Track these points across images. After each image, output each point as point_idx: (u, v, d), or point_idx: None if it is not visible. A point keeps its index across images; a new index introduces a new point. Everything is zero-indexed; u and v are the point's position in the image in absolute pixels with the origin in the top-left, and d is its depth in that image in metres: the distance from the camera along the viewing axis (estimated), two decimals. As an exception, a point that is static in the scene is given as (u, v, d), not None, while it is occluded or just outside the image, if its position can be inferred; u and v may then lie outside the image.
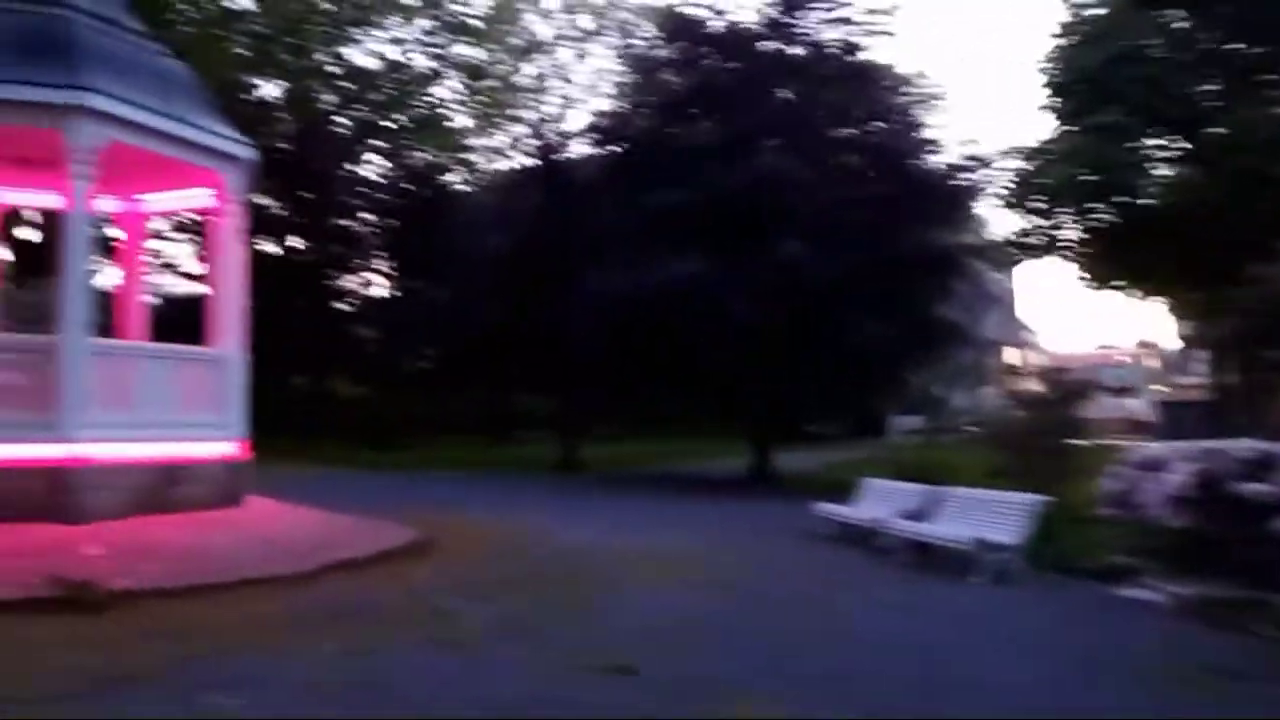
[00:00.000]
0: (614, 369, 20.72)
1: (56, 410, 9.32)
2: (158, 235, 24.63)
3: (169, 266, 29.54)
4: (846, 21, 20.39)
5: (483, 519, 13.98)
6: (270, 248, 31.12)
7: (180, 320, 13.63)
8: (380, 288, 35.39)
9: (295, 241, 33.06)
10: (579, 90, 40.30)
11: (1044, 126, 23.94)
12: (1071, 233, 21.88)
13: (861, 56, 20.59)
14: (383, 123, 35.74)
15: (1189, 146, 19.90)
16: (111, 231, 12.77)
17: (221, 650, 6.19)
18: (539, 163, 24.69)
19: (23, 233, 23.50)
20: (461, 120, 38.22)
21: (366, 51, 35.76)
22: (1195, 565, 8.73)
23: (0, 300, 13.24)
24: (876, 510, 12.72)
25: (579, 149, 23.69)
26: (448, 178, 35.35)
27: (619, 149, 21.78)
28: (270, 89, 33.33)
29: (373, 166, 36.46)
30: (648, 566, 10.07)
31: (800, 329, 17.95)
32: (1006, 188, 22.63)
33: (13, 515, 9.03)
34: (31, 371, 9.41)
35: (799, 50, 20.75)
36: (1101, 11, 21.81)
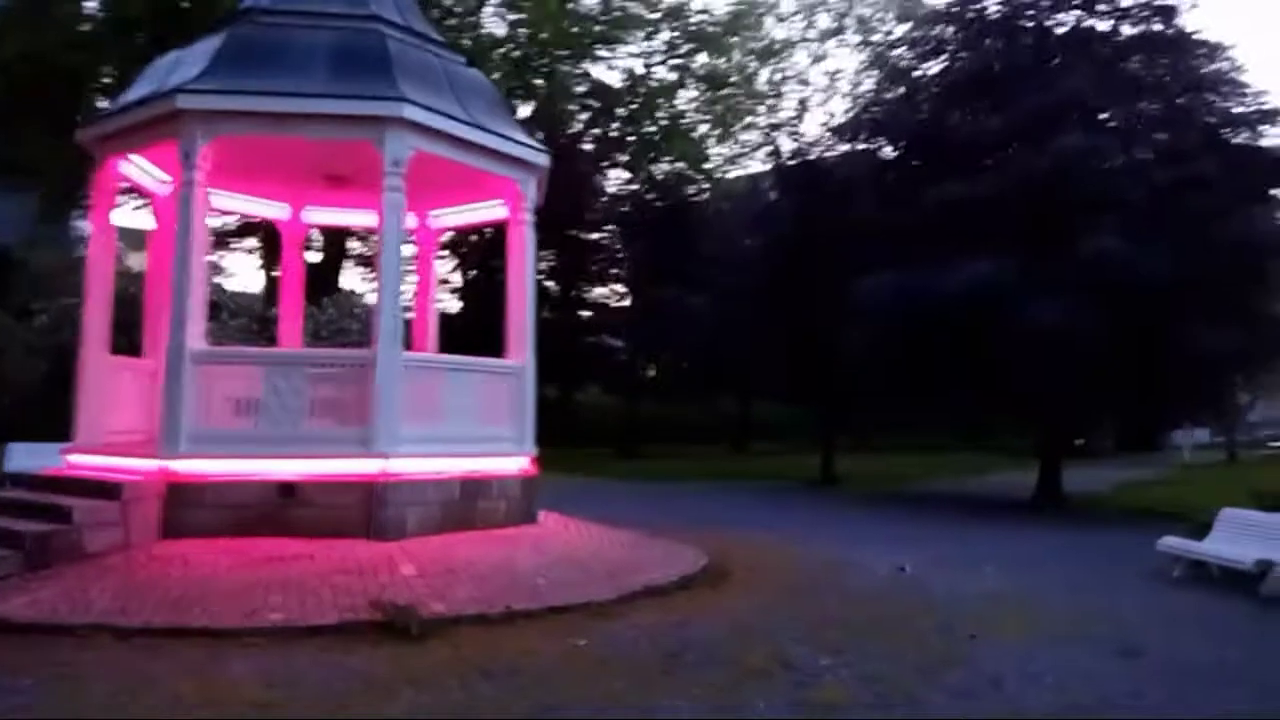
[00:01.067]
0: (890, 378, 19.22)
1: (371, 424, 9.24)
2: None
3: (443, 282, 31.09)
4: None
5: (763, 539, 13.14)
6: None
7: (453, 335, 13.73)
8: (628, 298, 35.62)
9: (545, 255, 33.90)
10: (818, 91, 39.10)
11: None
12: None
13: (1179, 20, 18.00)
14: (628, 136, 36.04)
15: None
16: (407, 248, 12.89)
17: (560, 701, 5.57)
18: (794, 163, 23.60)
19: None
20: (703, 129, 37.98)
21: (611, 67, 36.29)
22: None
23: (305, 319, 13.83)
24: (1245, 547, 10.66)
25: (838, 147, 22.37)
26: (692, 188, 35.08)
27: (891, 143, 20.30)
28: (522, 109, 34.44)
29: (618, 178, 36.90)
30: (995, 613, 8.71)
31: (1121, 335, 15.69)
32: None
33: (329, 531, 9.01)
34: (348, 386, 9.40)
35: (1100, 21, 18.46)
36: None
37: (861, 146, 21.66)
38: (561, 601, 8.08)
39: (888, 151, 20.86)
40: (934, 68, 20.64)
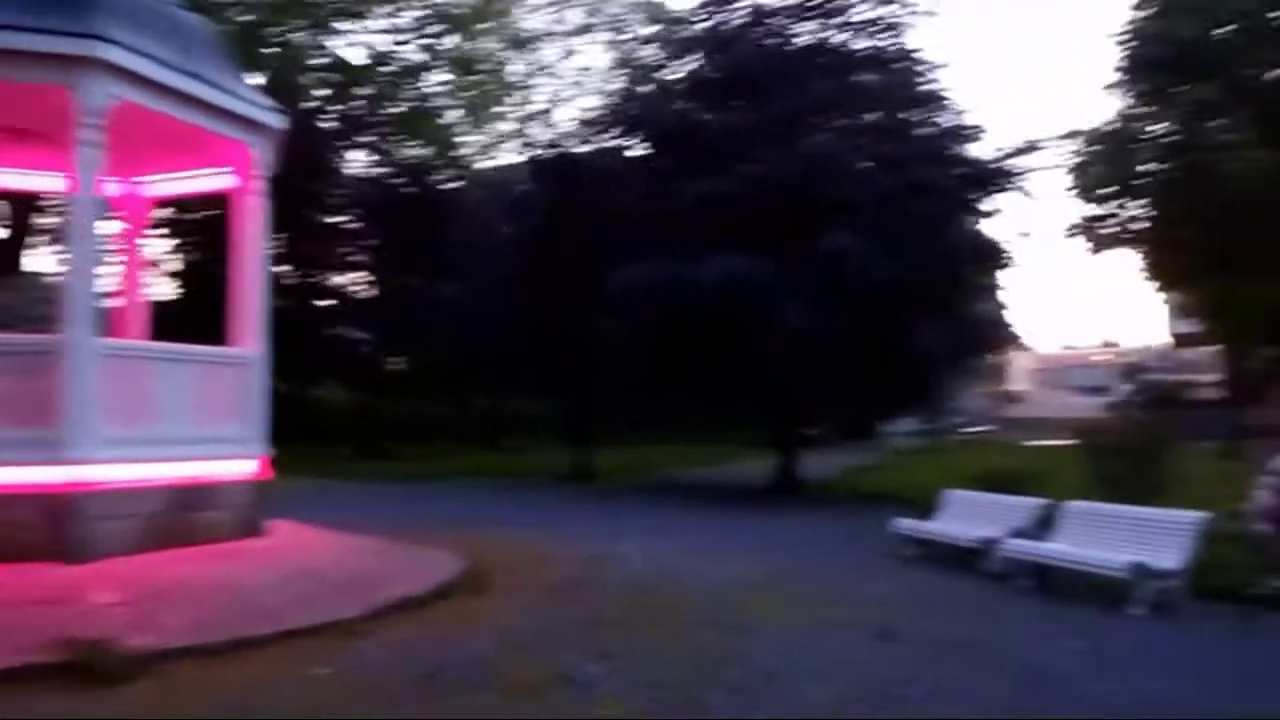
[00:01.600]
0: (644, 370, 19.27)
1: (60, 425, 7.74)
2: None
3: (158, 265, 27.73)
4: (889, 1, 19.16)
5: (522, 539, 12.60)
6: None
7: (170, 326, 12.05)
8: (370, 286, 33.72)
9: (279, 238, 31.33)
10: (570, 84, 39.09)
11: (1109, 108, 22.45)
12: (1145, 220, 20.65)
13: (904, 38, 19.36)
14: (370, 116, 34.15)
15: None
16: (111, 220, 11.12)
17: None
18: (549, 154, 23.20)
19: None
20: (453, 114, 36.79)
21: (353, 43, 34.21)
22: None
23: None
24: (969, 526, 11.48)
25: (593, 140, 22.22)
26: (441, 173, 33.79)
27: (647, 137, 20.36)
28: (252, 80, 31.58)
29: (362, 159, 34.86)
30: (756, 601, 8.71)
31: (857, 332, 16.59)
32: (1070, 174, 21.51)
33: (7, 553, 7.46)
34: (29, 379, 7.82)
35: (837, 33, 19.51)
36: None
37: (615, 141, 21.63)
38: (299, 623, 7.09)
39: (642, 146, 20.94)
40: (684, 68, 20.98)
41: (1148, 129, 20.51)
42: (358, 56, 33.94)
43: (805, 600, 8.85)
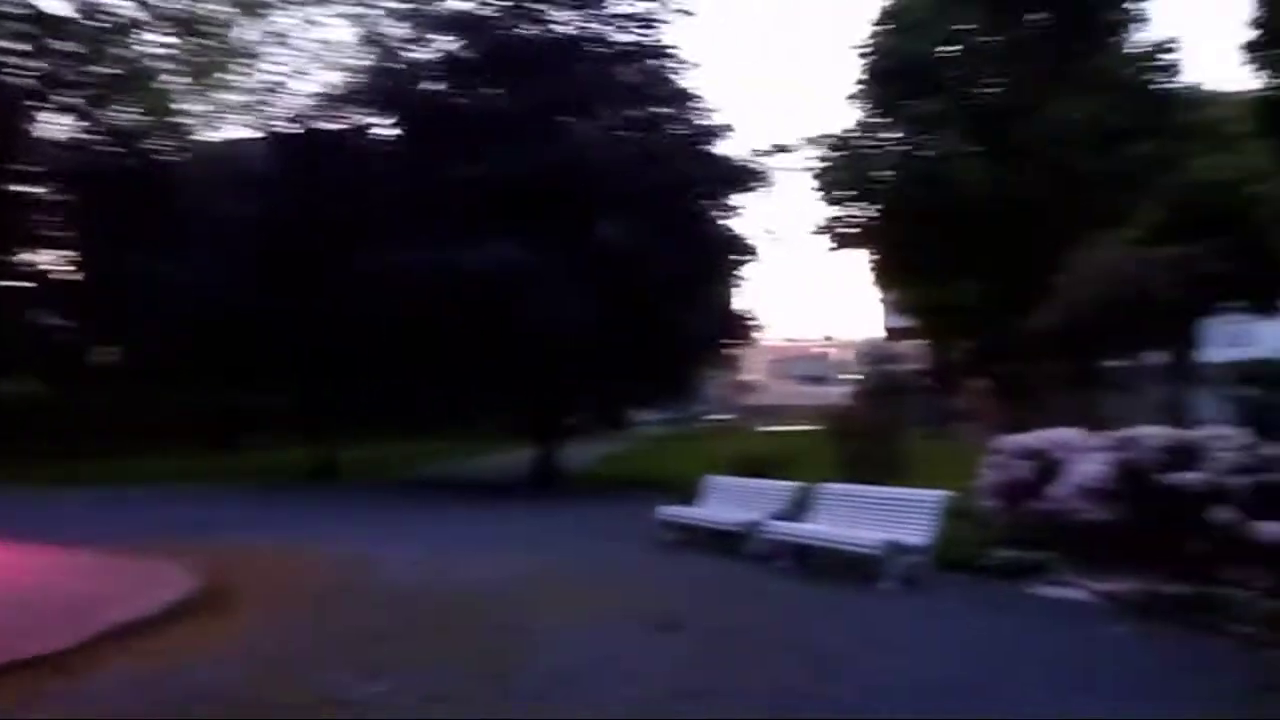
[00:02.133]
0: (396, 360, 18.30)
1: None
2: None
3: None
4: (646, -4, 19.39)
5: (267, 545, 11.59)
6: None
7: None
8: (75, 267, 29.82)
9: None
10: (309, 57, 36.60)
11: (853, 115, 23.96)
12: (879, 222, 22.29)
13: (661, 34, 19.69)
14: (74, 76, 30.15)
15: (1005, 138, 20.96)
16: None
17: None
18: (290, 130, 21.48)
19: None
20: (175, 79, 33.30)
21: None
22: (1118, 560, 8.48)
23: None
24: (731, 511, 11.81)
25: (341, 117, 20.82)
26: (159, 143, 30.42)
27: (400, 117, 19.34)
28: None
29: (64, 125, 30.70)
30: (533, 598, 8.41)
31: (623, 319, 16.65)
32: (816, 176, 22.76)
33: None
34: None
35: (596, 24, 19.49)
36: None
37: (364, 119, 20.42)
38: (9, 658, 5.96)
39: (393, 126, 19.89)
40: (437, 47, 20.15)
41: (880, 138, 22.36)
42: (59, 7, 29.89)
43: (582, 594, 8.65)
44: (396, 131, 19.58)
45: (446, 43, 19.98)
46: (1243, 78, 26.19)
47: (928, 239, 20.67)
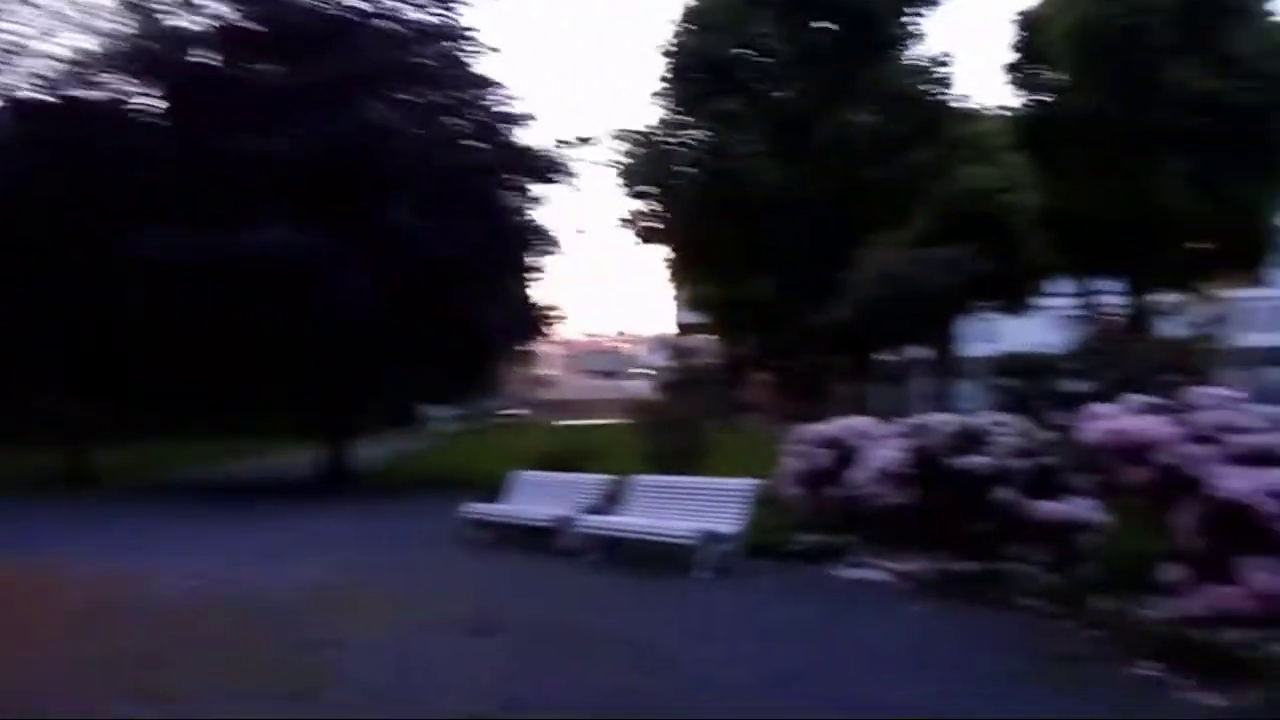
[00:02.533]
0: (159, 351, 16.62)
1: None
2: None
3: None
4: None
5: (10, 564, 10.16)
6: None
7: None
8: None
9: None
10: (53, 17, 32.81)
11: (656, 112, 24.10)
12: (678, 218, 22.46)
13: (459, 17, 19.01)
14: None
15: (799, 142, 21.69)
16: None
17: None
18: (31, 96, 19.03)
19: None
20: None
21: None
22: (913, 541, 8.95)
23: None
24: (540, 506, 11.57)
25: (95, 84, 18.66)
26: None
27: (167, 87, 17.56)
28: None
29: None
30: (336, 609, 7.81)
31: (414, 309, 15.92)
32: (619, 170, 22.70)
33: None
34: None
35: (390, 0, 18.54)
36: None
37: (123, 88, 18.42)
38: None
39: (158, 97, 18.05)
40: (209, 14, 18.51)
41: (682, 135, 22.76)
42: None
43: (389, 601, 8.14)
44: (164, 104, 17.77)
45: (221, 9, 18.38)
46: (1004, 95, 28.94)
47: (724, 236, 21.25)
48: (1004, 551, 8.15)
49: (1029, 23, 27.58)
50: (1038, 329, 32.30)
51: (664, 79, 23.51)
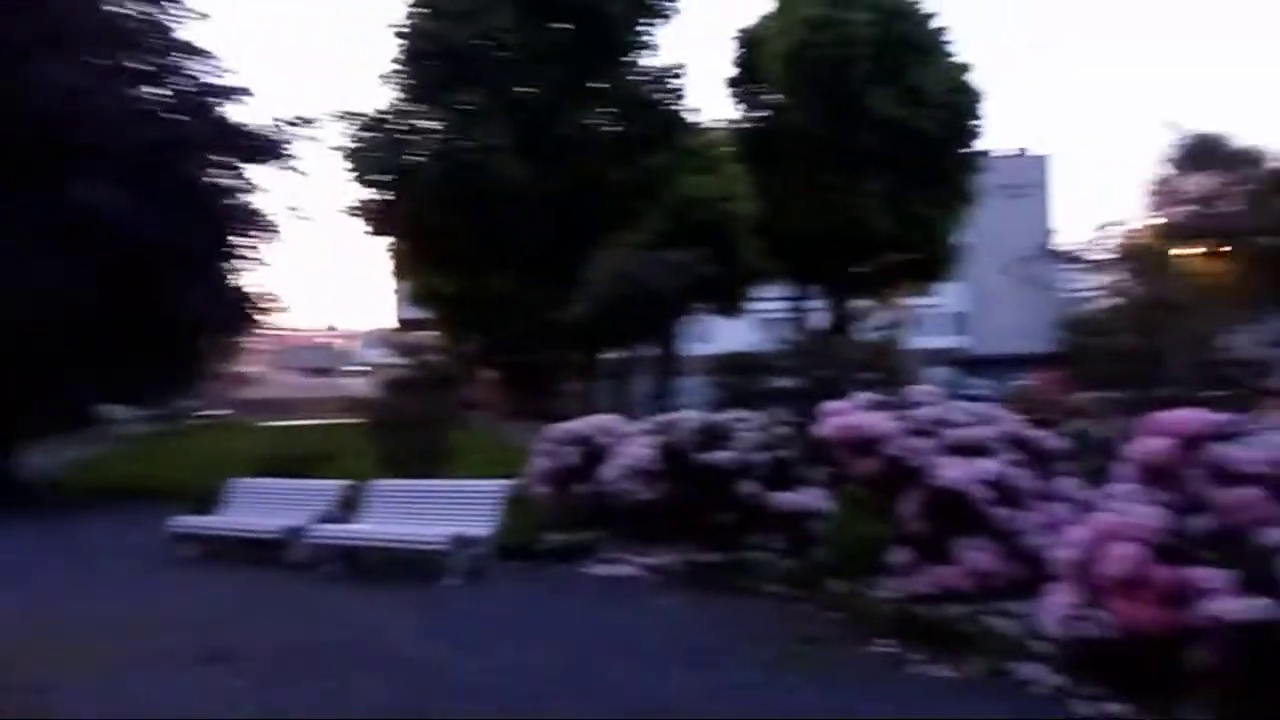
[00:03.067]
0: None
1: None
2: None
3: None
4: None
5: None
6: None
7: None
8: None
9: None
10: None
11: (388, 96, 22.62)
12: (410, 208, 21.29)
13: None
14: None
15: (541, 138, 21.29)
16: None
17: None
18: None
19: None
20: None
21: None
22: (662, 535, 9.17)
23: None
24: (265, 517, 10.64)
25: None
26: None
27: None
28: None
29: None
30: (42, 644, 6.69)
31: (108, 296, 14.00)
32: (347, 155, 21.19)
33: None
34: None
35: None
36: None
37: None
38: None
39: None
40: None
41: (417, 124, 21.82)
42: None
43: (100, 632, 7.11)
44: None
45: None
46: (727, 109, 30.72)
47: (459, 228, 20.66)
48: (746, 541, 8.59)
49: (749, 41, 29.57)
50: (746, 330, 34.81)
51: (398, 63, 22.52)
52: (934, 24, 28.43)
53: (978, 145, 28.79)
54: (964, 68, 28.60)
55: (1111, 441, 7.59)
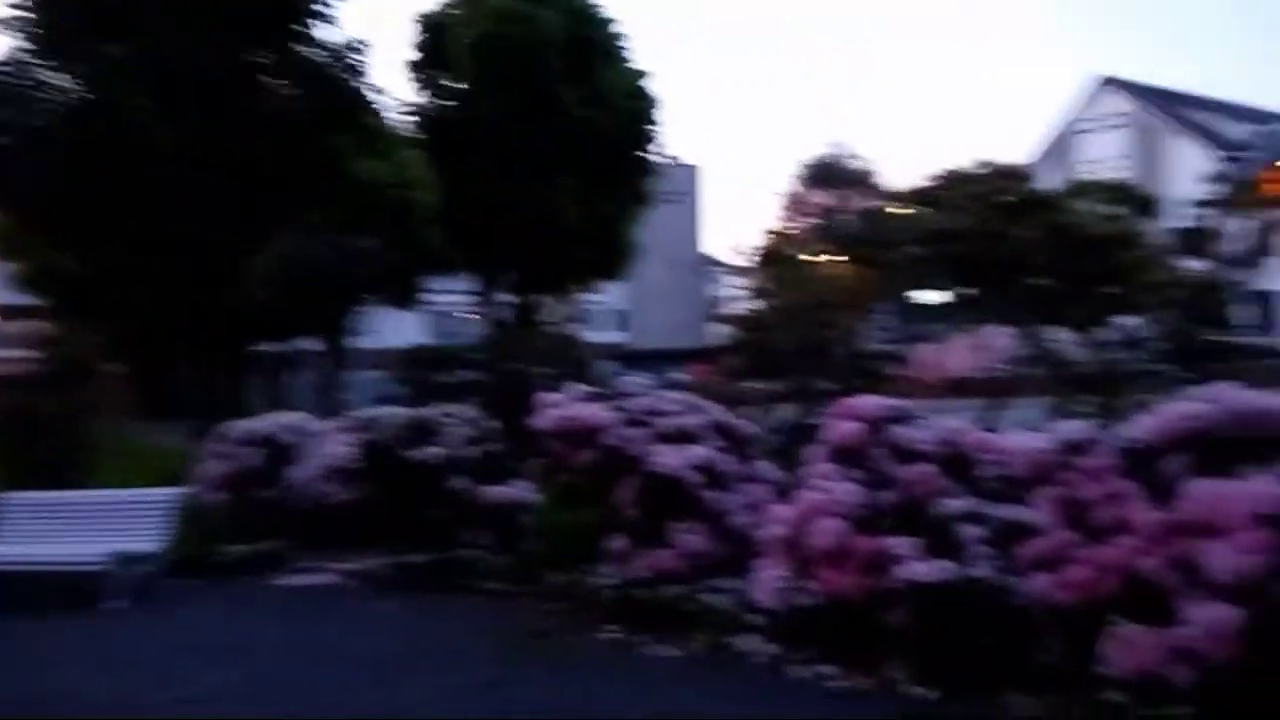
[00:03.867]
0: None
1: None
2: None
3: None
4: None
5: None
6: None
7: None
8: None
9: None
10: None
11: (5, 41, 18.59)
12: (24, 173, 17.52)
13: None
14: None
15: (196, 106, 18.46)
16: None
17: None
18: None
19: None
20: None
21: None
22: (361, 538, 8.63)
23: None
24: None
25: None
26: None
27: None
28: None
29: None
30: None
31: None
32: None
33: None
34: None
35: None
36: None
37: None
38: None
39: None
40: None
41: (45, 79, 18.37)
42: None
43: None
44: None
45: None
46: (406, 93, 29.62)
47: (90, 200, 17.70)
48: (458, 538, 8.36)
49: (431, 26, 28.70)
50: (414, 324, 33.91)
51: (21, 5, 19.07)
52: (615, 29, 29.60)
53: (654, 150, 30.47)
54: (643, 74, 30.08)
55: (804, 427, 8.34)
